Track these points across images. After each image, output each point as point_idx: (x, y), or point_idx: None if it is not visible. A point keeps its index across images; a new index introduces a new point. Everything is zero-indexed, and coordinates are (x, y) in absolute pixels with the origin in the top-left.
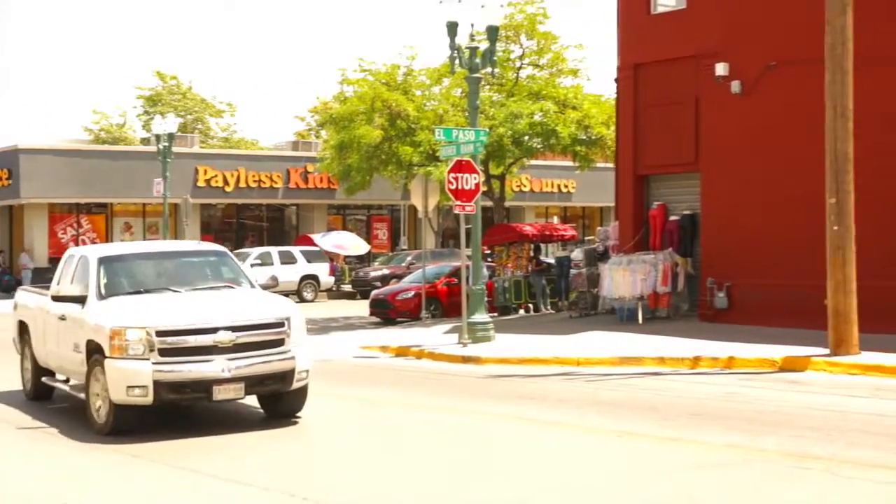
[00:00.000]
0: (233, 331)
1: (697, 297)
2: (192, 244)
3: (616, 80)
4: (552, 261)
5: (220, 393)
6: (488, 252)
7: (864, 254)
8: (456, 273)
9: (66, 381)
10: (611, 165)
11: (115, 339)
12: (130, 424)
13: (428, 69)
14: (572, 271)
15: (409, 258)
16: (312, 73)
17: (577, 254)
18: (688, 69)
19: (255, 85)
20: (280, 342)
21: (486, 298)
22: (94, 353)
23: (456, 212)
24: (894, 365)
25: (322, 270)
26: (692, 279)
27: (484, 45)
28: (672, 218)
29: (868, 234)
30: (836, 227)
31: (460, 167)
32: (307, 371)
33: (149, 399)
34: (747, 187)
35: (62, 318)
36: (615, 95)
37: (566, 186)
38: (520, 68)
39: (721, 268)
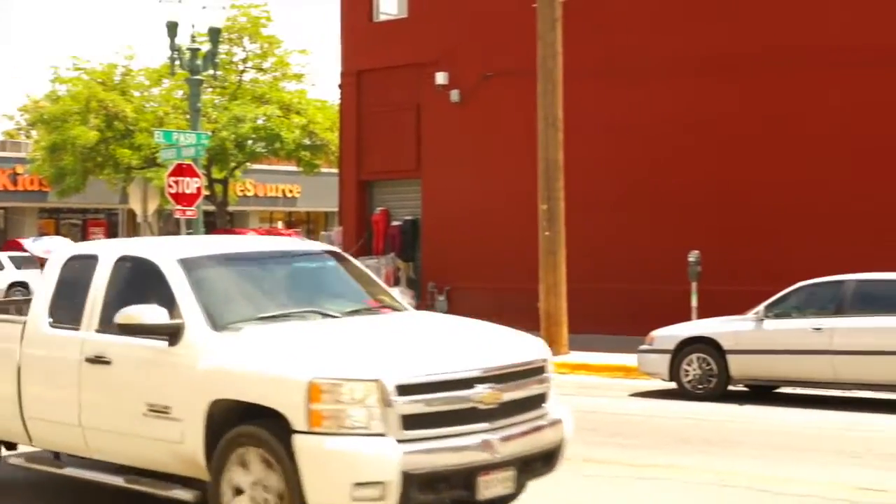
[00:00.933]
0: (495, 381)
1: (419, 301)
2: (294, 242)
3: (340, 86)
4: None
5: (487, 487)
6: None
7: (573, 258)
8: None
9: (57, 456)
10: (335, 171)
11: (323, 401)
12: None
13: (147, 70)
14: None
15: None
16: (22, 70)
17: None
18: (410, 77)
19: None
20: (543, 398)
21: None
22: (239, 421)
23: (177, 216)
24: (598, 363)
25: (33, 277)
26: (414, 283)
27: (206, 47)
28: (394, 223)
29: (577, 238)
30: (547, 233)
31: (181, 171)
32: (568, 441)
33: None
34: (466, 193)
35: (99, 360)
36: (339, 101)
37: (291, 191)
38: (243, 71)
39: (441, 272)
